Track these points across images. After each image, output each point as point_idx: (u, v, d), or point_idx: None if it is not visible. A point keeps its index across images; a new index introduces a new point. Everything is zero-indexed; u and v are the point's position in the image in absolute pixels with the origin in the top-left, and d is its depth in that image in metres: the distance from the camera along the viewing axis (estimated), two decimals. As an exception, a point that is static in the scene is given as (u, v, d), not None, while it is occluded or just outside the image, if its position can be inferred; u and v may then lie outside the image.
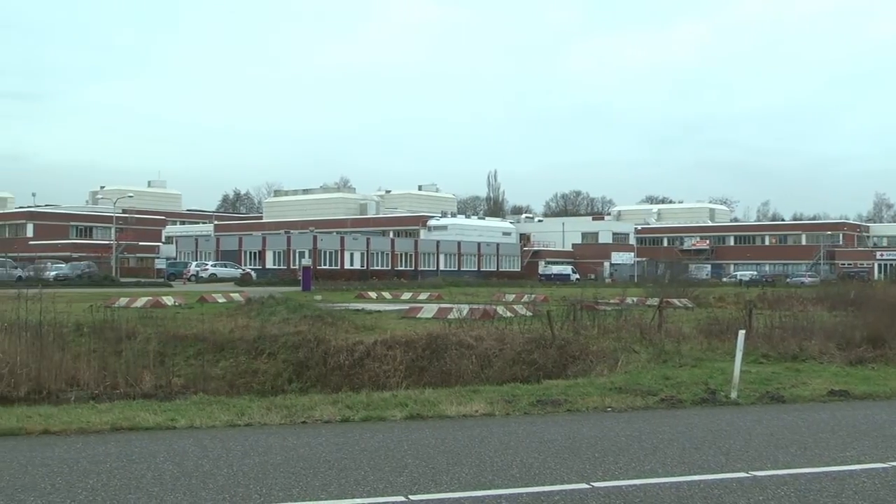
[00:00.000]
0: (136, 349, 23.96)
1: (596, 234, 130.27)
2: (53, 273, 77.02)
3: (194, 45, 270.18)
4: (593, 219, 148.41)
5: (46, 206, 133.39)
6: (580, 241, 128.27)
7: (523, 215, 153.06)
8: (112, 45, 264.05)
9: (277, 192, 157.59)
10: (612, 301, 38.18)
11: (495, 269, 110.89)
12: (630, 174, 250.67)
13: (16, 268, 74.83)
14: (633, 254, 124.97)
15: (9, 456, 9.79)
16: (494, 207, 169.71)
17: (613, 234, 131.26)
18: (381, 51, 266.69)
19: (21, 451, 10.10)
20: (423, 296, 53.46)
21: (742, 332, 15.63)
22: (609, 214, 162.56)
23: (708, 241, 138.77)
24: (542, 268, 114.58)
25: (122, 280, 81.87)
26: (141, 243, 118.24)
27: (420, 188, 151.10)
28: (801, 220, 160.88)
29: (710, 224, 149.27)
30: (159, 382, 21.52)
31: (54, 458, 9.59)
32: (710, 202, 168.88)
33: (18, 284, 39.06)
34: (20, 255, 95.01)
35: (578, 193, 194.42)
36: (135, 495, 8.01)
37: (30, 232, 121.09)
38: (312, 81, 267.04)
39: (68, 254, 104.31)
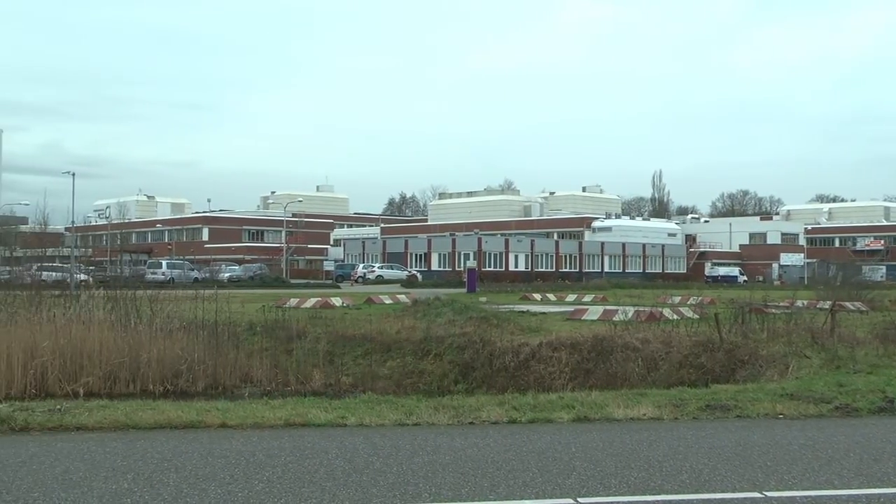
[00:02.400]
0: (306, 348, 24.55)
1: (764, 235, 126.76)
2: (227, 275, 79.64)
3: (359, 50, 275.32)
4: (761, 219, 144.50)
5: (221, 210, 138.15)
6: (747, 242, 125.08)
7: (689, 216, 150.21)
8: (279, 53, 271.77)
9: (442, 195, 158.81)
10: (781, 304, 37.11)
11: (660, 271, 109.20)
12: (799, 172, 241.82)
13: (193, 270, 77.54)
14: (802, 255, 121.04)
15: (190, 447, 10.19)
16: (659, 208, 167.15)
17: (782, 234, 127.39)
18: (544, 51, 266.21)
19: (201, 442, 10.50)
20: (587, 297, 53.01)
21: (924, 337, 14.97)
22: (777, 214, 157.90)
23: (883, 241, 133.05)
24: (709, 269, 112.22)
25: (292, 281, 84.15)
26: (310, 246, 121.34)
27: (584, 189, 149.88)
28: None
29: (885, 223, 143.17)
30: (329, 381, 21.99)
31: (232, 451, 9.92)
32: (885, 200, 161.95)
33: (195, 285, 40.44)
34: (196, 257, 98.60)
35: (745, 193, 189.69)
36: (308, 489, 8.22)
37: (205, 236, 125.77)
38: (476, 82, 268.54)
39: (241, 256, 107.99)
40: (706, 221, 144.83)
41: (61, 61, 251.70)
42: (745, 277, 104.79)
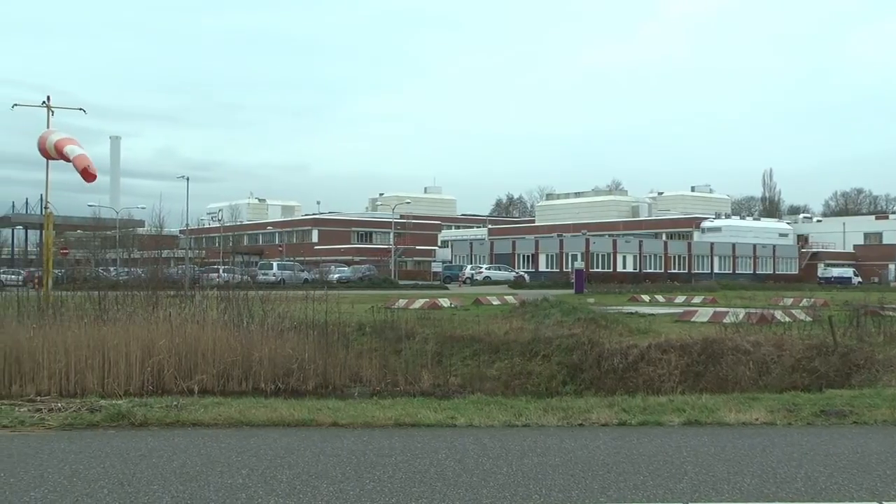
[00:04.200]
0: (414, 349, 24.71)
1: (879, 235, 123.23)
2: (336, 276, 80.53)
3: (466, 51, 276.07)
4: (876, 218, 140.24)
5: (330, 213, 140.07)
6: (862, 242, 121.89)
7: (800, 215, 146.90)
8: (387, 56, 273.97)
9: (549, 196, 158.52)
10: (898, 306, 36.11)
11: (771, 272, 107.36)
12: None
13: (303, 271, 78.54)
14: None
15: (302, 445, 10.33)
16: (770, 208, 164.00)
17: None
18: (651, 48, 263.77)
19: (313, 441, 10.63)
20: (696, 299, 52.30)
21: None
22: (894, 213, 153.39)
23: None
24: (821, 270, 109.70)
25: (401, 282, 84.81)
26: (418, 247, 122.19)
27: (693, 189, 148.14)
28: None
29: None
30: (437, 381, 22.07)
31: (343, 450, 10.01)
32: None
33: (305, 286, 41.03)
34: (306, 258, 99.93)
35: (860, 191, 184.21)
36: (419, 489, 8.25)
37: (315, 237, 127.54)
38: (583, 82, 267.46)
39: (350, 257, 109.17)
40: (819, 221, 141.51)
41: (175, 70, 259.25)
42: (859, 279, 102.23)
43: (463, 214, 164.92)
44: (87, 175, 29.11)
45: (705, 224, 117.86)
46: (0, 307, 23.32)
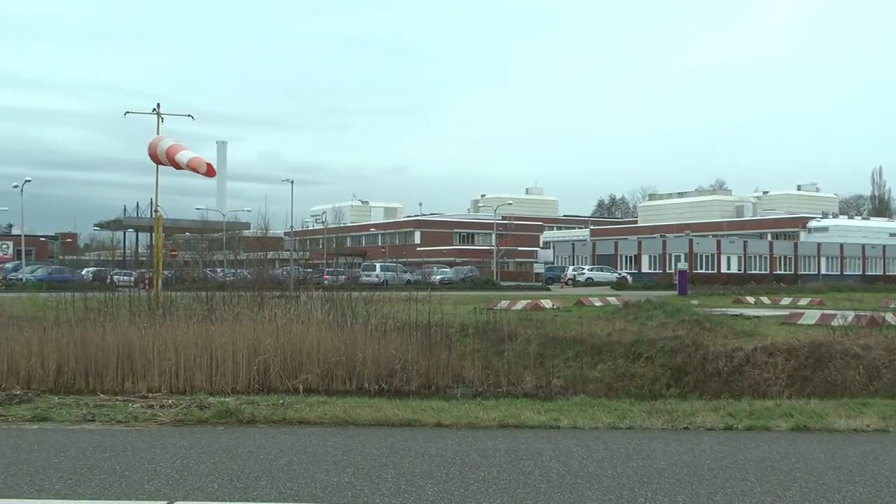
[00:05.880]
0: (517, 350, 24.63)
1: None
2: (439, 277, 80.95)
3: (569, 50, 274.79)
4: None
5: (432, 214, 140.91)
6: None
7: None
8: (489, 56, 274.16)
9: (652, 196, 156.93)
10: None
11: (881, 273, 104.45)
12: None
13: (405, 272, 79.12)
14: None
15: (406, 444, 10.41)
16: (880, 206, 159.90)
17: None
18: (756, 43, 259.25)
19: (417, 440, 10.70)
20: (803, 301, 51.31)
21: None
22: None
23: None
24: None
25: (502, 283, 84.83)
26: (520, 248, 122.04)
27: (799, 188, 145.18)
28: None
29: None
30: (539, 383, 21.96)
31: (448, 450, 10.06)
32: None
33: (408, 287, 41.34)
34: (409, 259, 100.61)
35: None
36: (523, 490, 8.25)
37: (417, 239, 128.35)
38: (686, 81, 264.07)
39: (452, 259, 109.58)
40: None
41: (279, 75, 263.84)
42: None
43: (565, 215, 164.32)
44: (210, 170, 29.93)
45: (812, 224, 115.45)
46: (113, 307, 23.94)
